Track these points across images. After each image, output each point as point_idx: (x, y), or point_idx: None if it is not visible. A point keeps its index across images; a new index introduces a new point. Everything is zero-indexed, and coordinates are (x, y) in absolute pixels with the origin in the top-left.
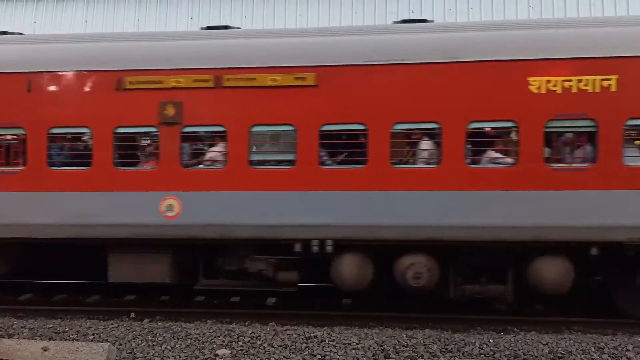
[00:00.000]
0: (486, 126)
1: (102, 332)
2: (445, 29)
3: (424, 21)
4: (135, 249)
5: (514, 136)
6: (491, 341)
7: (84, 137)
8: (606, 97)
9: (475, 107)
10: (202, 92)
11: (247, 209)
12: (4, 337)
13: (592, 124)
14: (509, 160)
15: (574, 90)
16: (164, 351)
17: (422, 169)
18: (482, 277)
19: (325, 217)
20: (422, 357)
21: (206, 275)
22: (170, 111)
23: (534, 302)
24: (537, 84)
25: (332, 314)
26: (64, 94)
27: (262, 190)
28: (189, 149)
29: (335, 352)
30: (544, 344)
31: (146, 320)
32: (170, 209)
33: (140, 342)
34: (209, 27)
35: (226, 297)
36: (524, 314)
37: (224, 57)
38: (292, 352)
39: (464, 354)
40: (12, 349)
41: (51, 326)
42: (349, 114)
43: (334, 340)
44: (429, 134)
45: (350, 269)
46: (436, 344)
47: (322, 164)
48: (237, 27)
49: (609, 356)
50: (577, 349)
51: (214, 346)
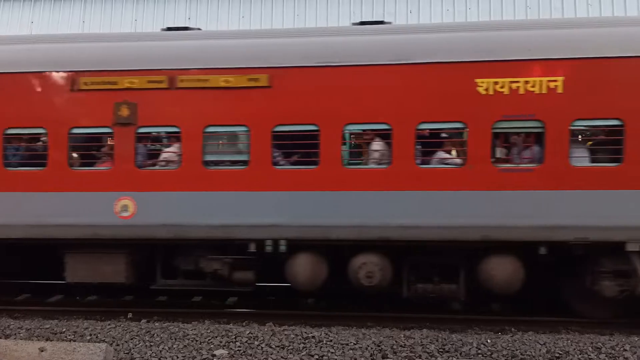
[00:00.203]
0: (435, 127)
1: (100, 333)
2: (396, 31)
3: (382, 22)
4: (91, 249)
5: (462, 137)
6: (489, 341)
7: (40, 138)
8: (553, 99)
9: (424, 108)
10: (156, 93)
11: (201, 209)
12: (0, 338)
13: (539, 124)
14: (458, 160)
15: (521, 91)
16: (161, 351)
17: (373, 170)
18: (435, 277)
19: (278, 218)
20: (420, 357)
21: (164, 275)
22: (124, 112)
23: (491, 302)
24: (484, 85)
25: (330, 314)
26: (20, 95)
27: (216, 190)
28: (143, 150)
29: (332, 353)
30: (541, 344)
31: (143, 320)
32: (125, 210)
33: (137, 342)
34: (169, 29)
35: (224, 298)
36: (521, 314)
37: (177, 58)
38: (290, 353)
39: (461, 354)
40: (8, 349)
41: (48, 327)
42: (302, 115)
43: (331, 340)
44: (381, 135)
45: (303, 268)
46: (434, 344)
47: (275, 164)
48: (198, 29)
49: (606, 356)
50: (574, 349)
51: (212, 346)
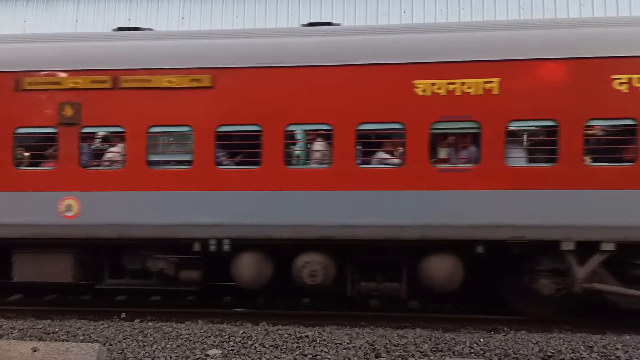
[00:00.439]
0: (375, 128)
1: (93, 333)
2: (337, 33)
3: (330, 24)
4: (38, 248)
5: (401, 137)
6: (482, 340)
7: None
8: (489, 100)
9: (364, 109)
10: (100, 93)
11: (145, 208)
12: None
13: (475, 125)
14: (397, 161)
15: (458, 93)
16: (154, 351)
17: (314, 170)
18: (378, 275)
19: (221, 217)
20: (413, 356)
21: (111, 274)
22: (68, 112)
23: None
24: (422, 86)
25: (323, 314)
26: None
27: (160, 190)
28: (87, 150)
29: (326, 352)
30: (534, 343)
31: (137, 320)
32: (69, 209)
33: (130, 342)
34: (120, 29)
35: (217, 297)
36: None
37: (120, 58)
38: (284, 352)
39: (454, 353)
40: (1, 349)
41: (41, 327)
42: (244, 115)
43: (325, 340)
44: (322, 135)
45: (248, 267)
46: (427, 343)
47: (219, 164)
48: (149, 29)
49: (599, 355)
50: (566, 348)
51: (205, 346)
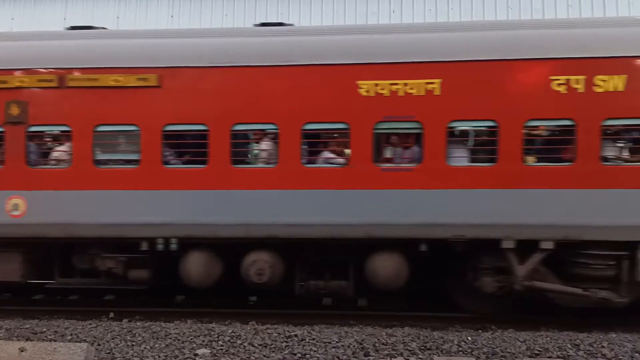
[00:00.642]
0: (320, 128)
1: (81, 332)
2: (283, 34)
3: (282, 24)
4: None
5: (346, 137)
6: (469, 339)
7: None
8: (431, 100)
9: (309, 109)
10: (46, 92)
11: (92, 208)
12: None
13: (417, 125)
14: (341, 160)
15: (401, 93)
16: (143, 351)
17: (261, 169)
18: (326, 274)
19: (168, 216)
20: (402, 354)
21: (62, 273)
22: (14, 110)
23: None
24: (366, 87)
25: (312, 313)
26: None
27: (107, 189)
28: (34, 148)
29: (315, 351)
30: (521, 341)
31: (125, 320)
32: (15, 208)
33: (119, 342)
34: (73, 27)
35: (206, 297)
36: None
37: (67, 57)
38: (273, 351)
39: (442, 351)
40: None
41: (28, 326)
42: (191, 114)
43: (314, 338)
44: (268, 135)
45: (196, 266)
46: (415, 341)
47: (166, 163)
48: (103, 28)
49: (585, 353)
50: (553, 346)
51: (194, 346)
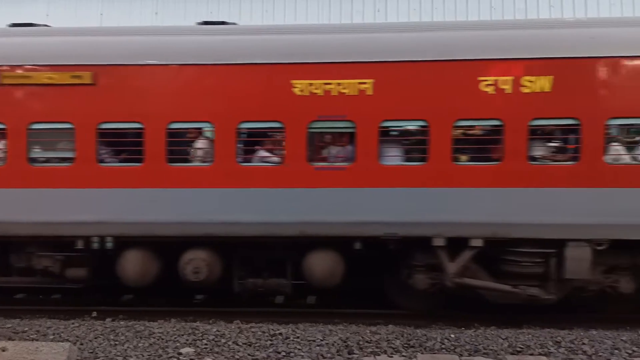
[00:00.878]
0: (255, 127)
1: (63, 332)
2: (218, 32)
3: (225, 23)
4: None
5: (280, 136)
6: (452, 336)
7: None
8: (363, 100)
9: (245, 108)
10: None
11: (26, 206)
12: None
13: (350, 125)
14: (276, 159)
15: (334, 93)
16: (126, 350)
17: (197, 167)
18: (264, 271)
19: (103, 215)
20: (385, 352)
21: (1, 272)
22: None
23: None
24: (300, 86)
25: (297, 311)
26: None
27: (41, 187)
28: None
29: (299, 349)
30: (503, 339)
31: (108, 319)
32: None
33: (102, 341)
34: (14, 25)
35: (190, 296)
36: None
37: (2, 55)
38: (257, 350)
39: (426, 349)
40: None
41: (10, 326)
42: (126, 112)
43: (298, 337)
44: (204, 133)
45: (133, 264)
46: (399, 339)
47: (101, 161)
48: (45, 25)
49: (566, 349)
50: (535, 343)
51: (178, 345)
